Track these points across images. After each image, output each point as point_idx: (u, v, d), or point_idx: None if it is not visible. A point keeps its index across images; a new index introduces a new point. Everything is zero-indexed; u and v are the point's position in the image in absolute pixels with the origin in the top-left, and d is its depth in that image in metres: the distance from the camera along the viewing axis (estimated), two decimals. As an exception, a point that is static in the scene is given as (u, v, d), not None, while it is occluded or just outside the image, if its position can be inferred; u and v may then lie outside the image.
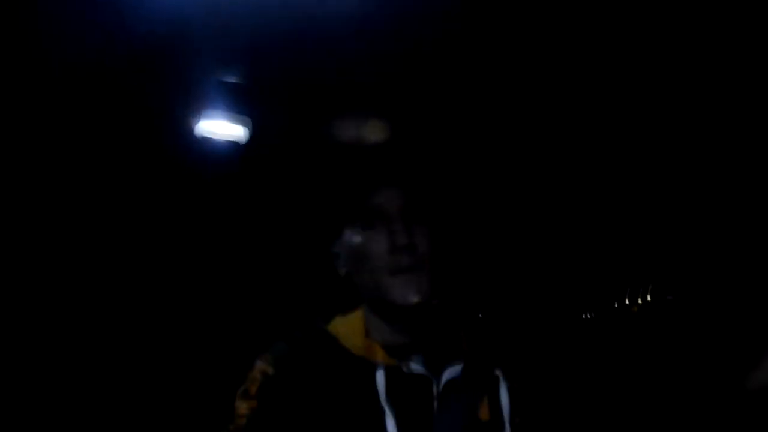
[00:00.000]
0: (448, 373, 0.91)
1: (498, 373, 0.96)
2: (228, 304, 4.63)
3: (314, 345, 0.94)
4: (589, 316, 7.41)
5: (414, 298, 0.87)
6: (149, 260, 4.50)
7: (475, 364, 0.95)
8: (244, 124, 4.03)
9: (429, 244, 0.91)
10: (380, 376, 0.88)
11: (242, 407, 0.89)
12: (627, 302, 7.90)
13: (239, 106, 3.91)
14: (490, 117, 4.21)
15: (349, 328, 0.96)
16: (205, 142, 4.03)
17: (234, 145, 4.02)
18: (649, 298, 7.74)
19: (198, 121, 4.03)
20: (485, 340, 1.00)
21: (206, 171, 4.22)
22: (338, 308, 1.00)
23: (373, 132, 0.95)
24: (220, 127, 4.06)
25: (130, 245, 4.50)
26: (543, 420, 0.96)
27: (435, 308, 0.95)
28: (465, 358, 0.94)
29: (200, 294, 4.64)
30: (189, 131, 4.02)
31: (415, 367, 0.90)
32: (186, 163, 4.21)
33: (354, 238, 0.93)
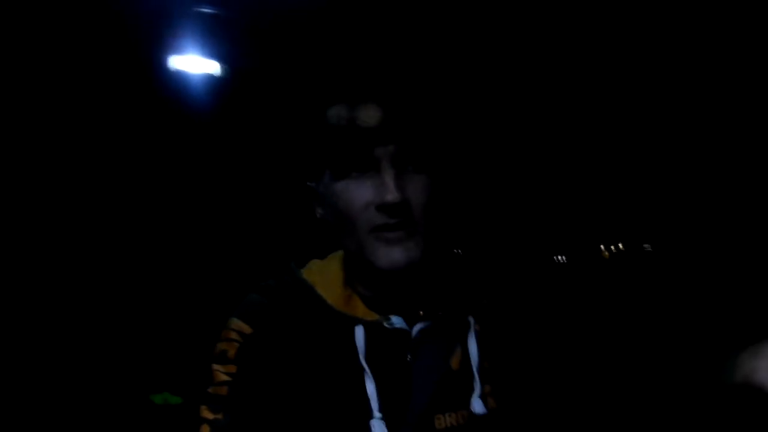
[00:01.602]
0: (420, 324, 0.86)
1: (470, 320, 0.90)
2: (198, 244, 4.56)
3: (290, 296, 0.87)
4: (560, 259, 7.55)
5: (400, 264, 0.78)
6: (120, 199, 4.44)
7: (447, 311, 0.89)
8: (219, 59, 4.01)
9: (423, 198, 0.79)
10: (360, 334, 0.83)
11: (221, 372, 0.82)
12: (601, 248, 8.06)
13: (214, 39, 3.87)
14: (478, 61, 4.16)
15: (326, 276, 0.89)
16: (179, 78, 3.99)
17: (209, 81, 3.98)
18: (621, 246, 7.90)
19: (171, 57, 3.99)
20: (458, 286, 0.94)
21: (181, 107, 4.17)
22: (314, 249, 0.93)
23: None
24: (194, 62, 4.04)
25: (103, 185, 4.45)
26: (513, 364, 0.92)
27: (423, 267, 0.84)
28: (437, 306, 0.89)
29: (174, 237, 4.58)
30: (163, 67, 3.97)
31: (397, 322, 0.85)
32: (160, 98, 4.16)
33: (336, 181, 0.81)
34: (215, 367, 0.83)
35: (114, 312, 4.15)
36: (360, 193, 0.78)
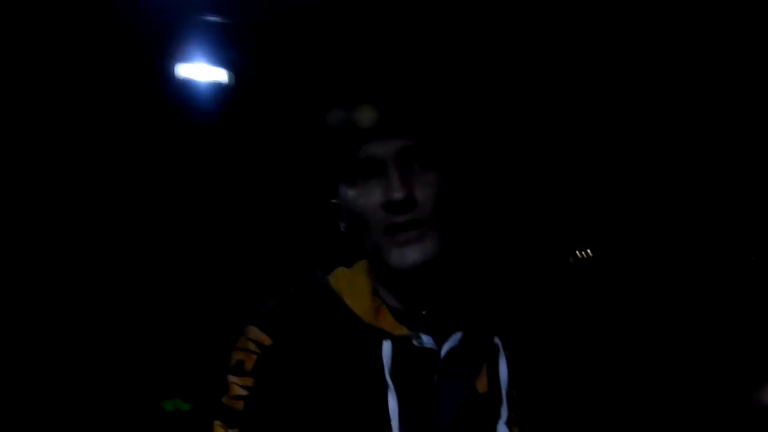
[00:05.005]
0: (449, 343, 0.83)
1: (497, 341, 0.87)
2: (215, 255, 4.55)
3: (314, 304, 0.83)
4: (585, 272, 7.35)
5: (413, 261, 0.76)
6: (131, 209, 4.45)
7: (475, 331, 0.86)
8: (226, 66, 4.01)
9: (434, 195, 0.78)
10: (387, 349, 0.79)
11: (237, 385, 0.79)
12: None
13: (221, 47, 3.86)
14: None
15: (354, 285, 0.85)
16: (187, 86, 3.99)
17: (217, 89, 3.98)
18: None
19: (179, 65, 3.99)
20: (484, 304, 0.91)
21: (189, 116, 4.17)
22: (339, 258, 0.89)
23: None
24: (201, 70, 4.03)
25: (113, 195, 4.45)
26: (541, 392, 0.91)
27: (444, 268, 0.83)
28: (464, 326, 0.86)
29: (185, 244, 4.56)
30: (169, 75, 3.97)
31: (426, 340, 0.82)
32: (169, 107, 4.16)
33: (348, 191, 0.80)
34: (231, 378, 0.79)
35: (127, 317, 4.15)
36: (369, 196, 0.78)
